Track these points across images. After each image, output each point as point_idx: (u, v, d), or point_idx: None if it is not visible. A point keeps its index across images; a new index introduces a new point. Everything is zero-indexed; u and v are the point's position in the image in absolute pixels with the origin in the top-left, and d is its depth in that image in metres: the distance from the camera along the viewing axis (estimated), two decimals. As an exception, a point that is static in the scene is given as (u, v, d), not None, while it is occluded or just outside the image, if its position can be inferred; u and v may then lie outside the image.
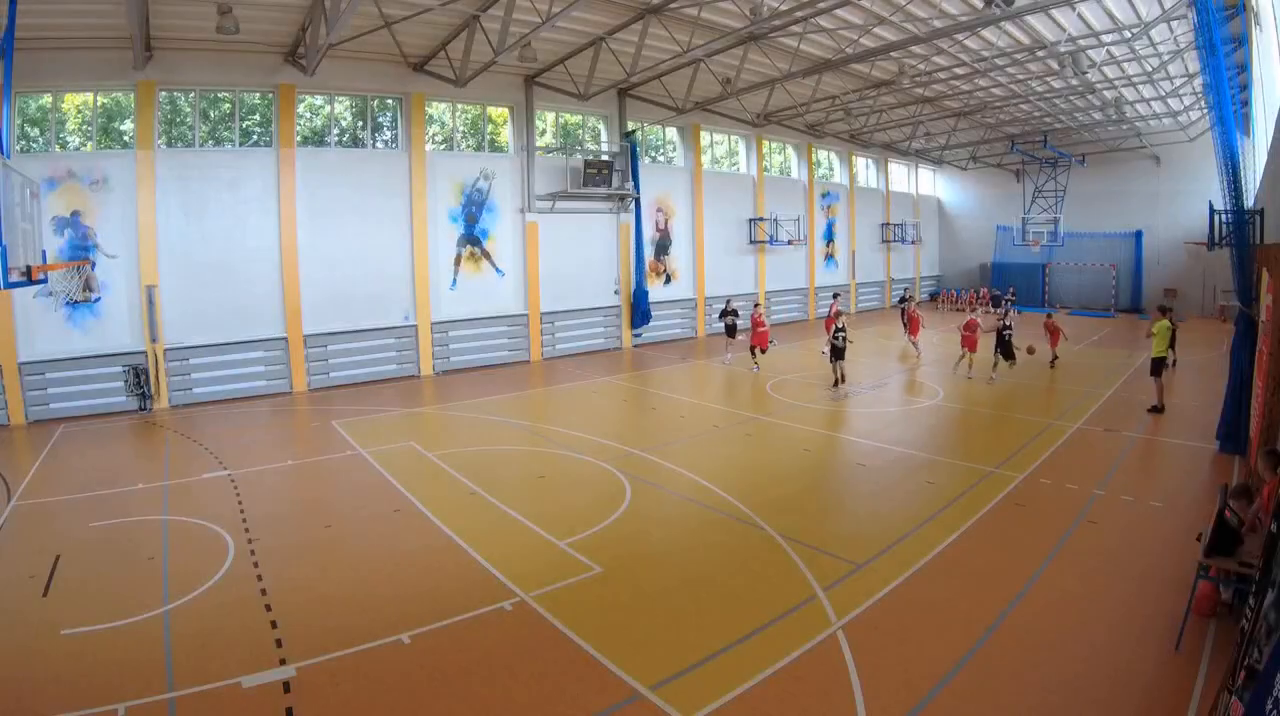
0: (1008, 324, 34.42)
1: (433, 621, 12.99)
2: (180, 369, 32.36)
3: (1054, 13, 30.40)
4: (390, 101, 38.34)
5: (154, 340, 31.37)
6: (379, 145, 38.75)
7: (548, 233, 43.00)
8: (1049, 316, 39.59)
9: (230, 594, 14.20)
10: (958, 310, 65.15)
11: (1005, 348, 34.26)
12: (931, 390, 32.06)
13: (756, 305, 42.20)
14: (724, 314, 42.15)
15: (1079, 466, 21.35)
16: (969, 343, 34.94)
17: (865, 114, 52.13)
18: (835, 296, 46.49)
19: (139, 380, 31.08)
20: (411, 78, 37.23)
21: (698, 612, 13.26)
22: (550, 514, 18.05)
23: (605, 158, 44.35)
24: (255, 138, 34.91)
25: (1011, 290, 65.48)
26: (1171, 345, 29.64)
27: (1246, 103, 32.48)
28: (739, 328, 41.57)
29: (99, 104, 31.74)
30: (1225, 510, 12.51)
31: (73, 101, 31.40)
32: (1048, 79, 42.35)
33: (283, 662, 11.75)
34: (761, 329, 37.82)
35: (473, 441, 25.29)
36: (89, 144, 31.49)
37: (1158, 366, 27.66)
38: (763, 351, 38.08)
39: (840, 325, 32.25)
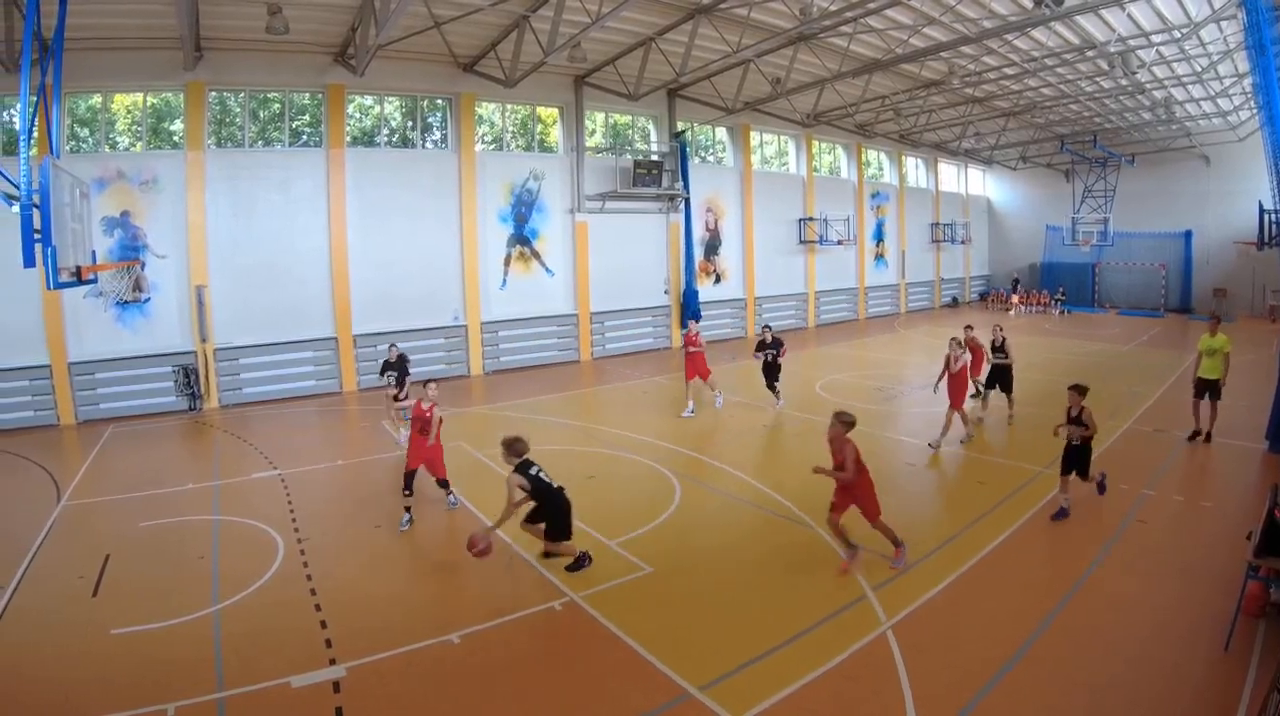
0: (999, 343, 26.76)
1: (482, 621, 12.97)
2: (230, 369, 32.55)
3: (1103, 13, 30.07)
4: (440, 102, 38.43)
5: (204, 340, 31.51)
6: (429, 145, 38.87)
7: (597, 233, 42.99)
8: (969, 330, 28.27)
9: (280, 593, 14.23)
10: (1004, 310, 64.99)
11: (1004, 378, 26.76)
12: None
13: (391, 363, 25.59)
14: (386, 367, 25.78)
15: (1129, 466, 21.01)
16: (957, 393, 23.89)
17: (915, 114, 51.83)
18: (693, 319, 34.77)
19: (189, 380, 31.21)
20: (461, 78, 37.29)
21: (747, 612, 13.19)
22: (600, 513, 17.92)
23: (655, 158, 44.34)
24: (305, 138, 35.08)
25: (1061, 289, 65.18)
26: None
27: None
28: (408, 383, 25.40)
29: (149, 104, 31.91)
30: (1276, 509, 12.31)
31: (122, 102, 31.60)
32: (1097, 79, 41.93)
33: (332, 662, 11.76)
34: (420, 413, 18.60)
35: (522, 441, 25.26)
36: (139, 144, 31.69)
37: (1218, 389, 23.74)
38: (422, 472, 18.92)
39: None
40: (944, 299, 69.97)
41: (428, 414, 18.27)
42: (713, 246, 49.38)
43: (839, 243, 56.07)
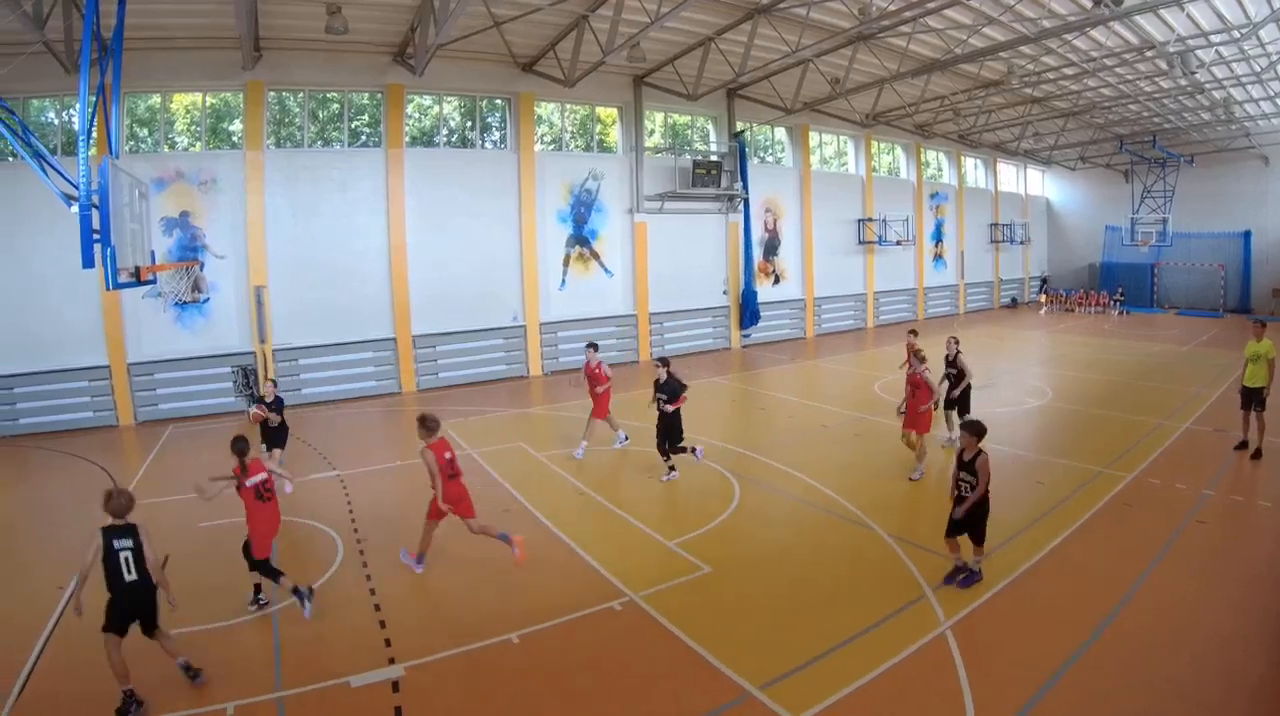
0: (952, 357, 22.94)
1: (541, 621, 12.97)
2: (289, 369, 32.69)
3: (1162, 13, 29.68)
4: (499, 101, 38.51)
5: (262, 341, 31.68)
6: (488, 145, 38.93)
7: (656, 233, 42.90)
8: (912, 335, 27.17)
9: (339, 593, 14.27)
10: (1067, 310, 64.72)
11: (961, 397, 22.84)
12: (1040, 390, 31.50)
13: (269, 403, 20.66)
14: (259, 401, 21.42)
15: (1188, 466, 20.94)
16: (922, 418, 20.72)
17: (974, 114, 51.60)
18: (591, 347, 24.97)
19: (248, 381, 31.31)
20: (520, 78, 37.33)
21: (806, 612, 13.16)
22: (659, 514, 18.02)
23: (714, 158, 44.23)
24: (364, 138, 35.28)
25: (1120, 289, 64.81)
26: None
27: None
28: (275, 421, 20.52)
29: (208, 104, 32.18)
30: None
31: (181, 102, 31.93)
32: (1156, 79, 41.49)
33: (391, 662, 11.80)
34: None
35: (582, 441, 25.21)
36: (198, 144, 32.02)
37: (1263, 397, 22.04)
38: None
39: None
40: (1003, 299, 69.54)
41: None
42: (772, 247, 49.23)
43: (898, 243, 55.86)
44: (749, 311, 45.95)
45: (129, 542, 10.90)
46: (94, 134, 16.69)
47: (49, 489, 22.42)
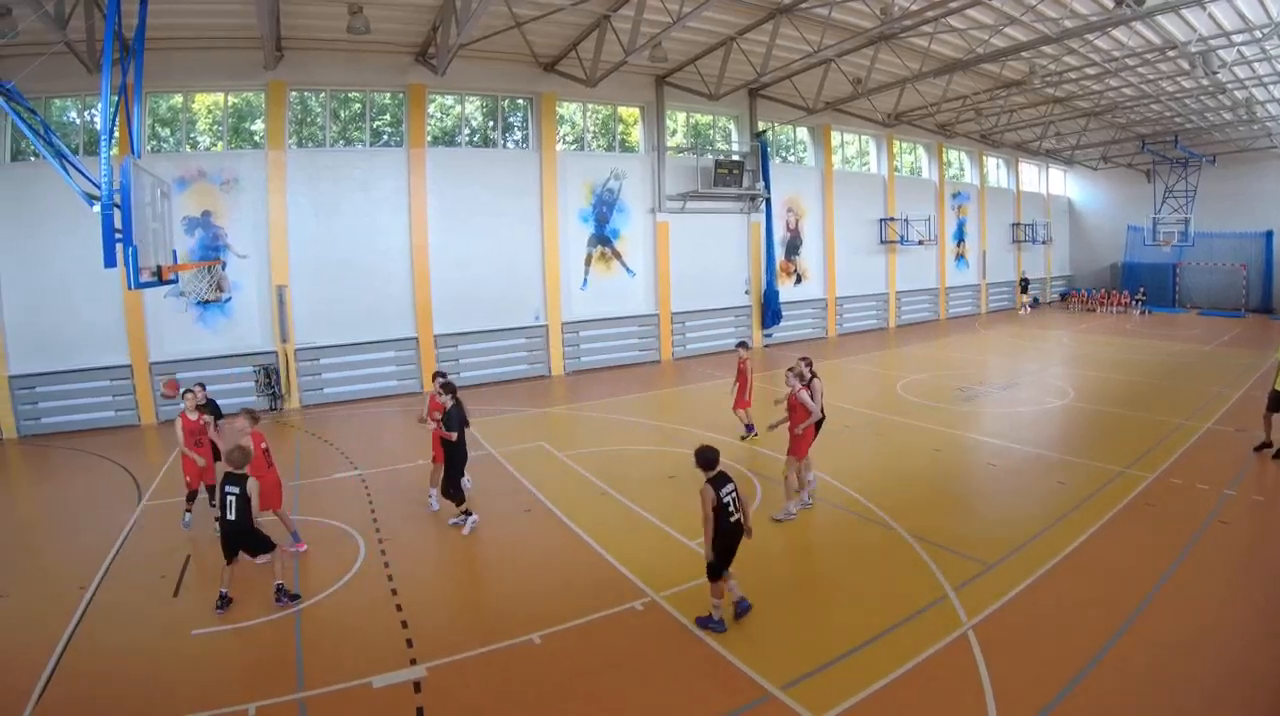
0: (806, 376, 20.13)
1: (563, 621, 12.96)
2: (311, 369, 32.84)
3: (1184, 13, 29.58)
4: (521, 101, 38.51)
5: (284, 340, 31.72)
6: (510, 145, 38.93)
7: (678, 233, 42.85)
8: (742, 348, 26.11)
9: (361, 594, 14.29)
10: (1089, 310, 64.54)
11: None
12: (1062, 390, 31.41)
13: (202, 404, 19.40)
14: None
15: (1210, 466, 20.84)
16: (798, 442, 18.83)
17: (996, 114, 51.59)
18: (441, 378, 19.35)
19: (270, 380, 31.40)
20: (542, 77, 37.30)
21: (828, 612, 13.18)
22: (681, 513, 17.75)
23: (736, 158, 44.09)
24: (386, 138, 35.31)
25: (1142, 289, 64.61)
26: None
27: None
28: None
29: (230, 104, 32.29)
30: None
31: (203, 101, 32.00)
32: (1178, 79, 41.39)
33: (413, 662, 11.80)
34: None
35: (603, 441, 25.15)
36: (219, 144, 32.10)
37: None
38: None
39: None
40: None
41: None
42: (793, 246, 49.13)
43: (920, 243, 55.80)
44: (771, 311, 45.93)
45: (236, 489, 13.17)
46: (116, 134, 16.69)
47: (71, 488, 22.49)
